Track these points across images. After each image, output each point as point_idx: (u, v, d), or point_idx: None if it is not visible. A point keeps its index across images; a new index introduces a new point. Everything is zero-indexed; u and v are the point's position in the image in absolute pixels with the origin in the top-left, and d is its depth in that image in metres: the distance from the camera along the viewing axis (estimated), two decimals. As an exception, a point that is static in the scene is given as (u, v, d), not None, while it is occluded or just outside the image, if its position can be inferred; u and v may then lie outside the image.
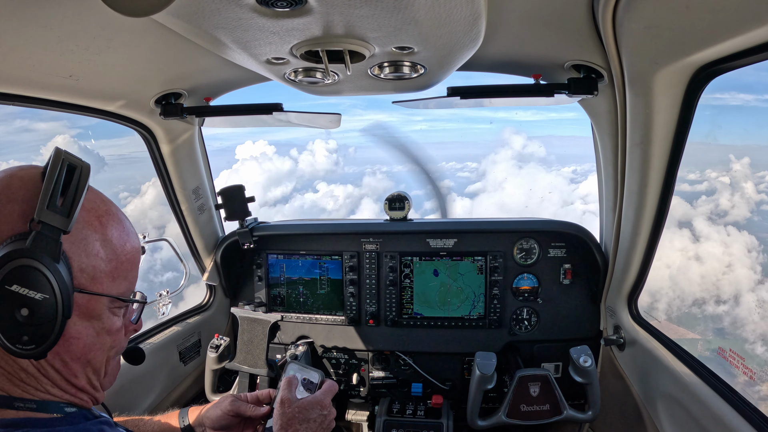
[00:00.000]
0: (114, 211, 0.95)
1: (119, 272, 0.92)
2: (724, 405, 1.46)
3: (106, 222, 0.91)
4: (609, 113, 1.79)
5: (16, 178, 0.84)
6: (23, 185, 0.83)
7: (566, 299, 2.48)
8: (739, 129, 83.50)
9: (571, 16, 1.35)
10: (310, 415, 1.32)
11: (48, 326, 0.80)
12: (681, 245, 25.94)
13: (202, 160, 2.49)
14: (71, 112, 1.78)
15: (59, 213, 0.80)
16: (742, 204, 45.68)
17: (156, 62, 1.65)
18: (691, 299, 10.76)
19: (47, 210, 0.79)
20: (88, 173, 0.87)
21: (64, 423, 0.87)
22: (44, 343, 0.80)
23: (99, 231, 0.89)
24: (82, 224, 0.86)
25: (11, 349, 0.78)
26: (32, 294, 0.78)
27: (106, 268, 0.90)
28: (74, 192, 0.83)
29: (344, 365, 2.67)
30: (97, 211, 0.91)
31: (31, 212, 0.80)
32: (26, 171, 0.85)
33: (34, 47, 1.28)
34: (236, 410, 1.43)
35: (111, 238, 0.91)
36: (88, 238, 0.87)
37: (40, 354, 0.81)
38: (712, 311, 10.06)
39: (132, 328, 1.04)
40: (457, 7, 1.09)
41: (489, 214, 35.99)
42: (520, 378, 2.01)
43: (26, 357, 0.81)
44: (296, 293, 2.67)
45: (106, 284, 0.90)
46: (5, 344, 0.78)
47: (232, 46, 1.29)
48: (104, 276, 0.90)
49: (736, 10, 1.00)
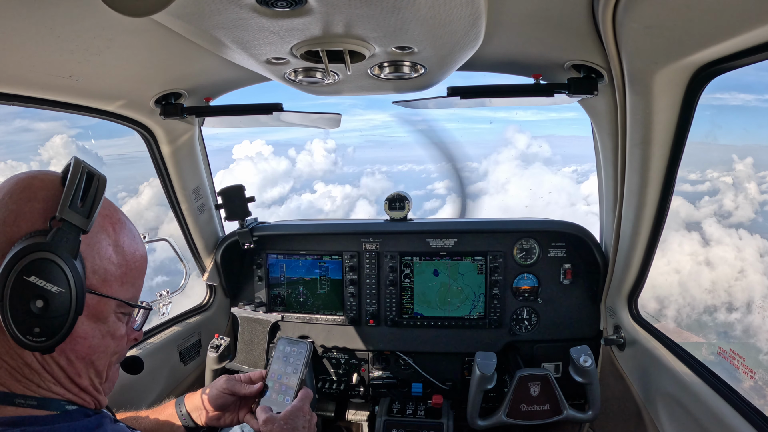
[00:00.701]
0: (125, 220, 1.00)
1: (128, 278, 0.96)
2: (724, 405, 1.46)
3: (119, 229, 0.96)
4: (609, 113, 1.79)
5: (38, 179, 0.88)
6: (44, 186, 0.87)
7: (566, 299, 2.48)
8: (739, 129, 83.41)
9: (571, 16, 1.35)
10: (297, 424, 1.41)
11: (60, 320, 0.82)
12: (690, 249, 25.52)
13: (202, 160, 2.48)
14: (71, 112, 1.77)
15: (80, 213, 0.84)
16: (746, 205, 45.13)
17: (156, 62, 1.65)
18: (702, 306, 10.57)
19: (69, 209, 0.83)
20: (105, 183, 0.91)
21: (64, 420, 0.88)
22: (55, 336, 0.82)
23: (112, 236, 0.94)
24: (97, 228, 0.91)
25: (22, 341, 0.80)
26: (49, 286, 0.80)
27: (117, 273, 0.94)
28: (93, 197, 0.88)
29: (344, 365, 2.66)
30: (111, 219, 0.95)
31: (51, 212, 0.84)
32: (46, 175, 0.90)
33: (34, 47, 1.28)
34: (231, 388, 1.50)
35: (123, 245, 0.95)
36: (102, 242, 0.92)
37: (49, 348, 0.82)
38: (723, 319, 9.89)
39: (133, 336, 1.07)
40: (457, 7, 1.09)
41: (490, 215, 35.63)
42: (520, 378, 2.01)
43: (35, 350, 0.82)
44: (296, 293, 2.67)
45: (115, 288, 0.93)
46: (16, 335, 0.79)
47: (232, 46, 1.29)
48: (114, 280, 0.93)
49: (736, 10, 1.00)
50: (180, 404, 1.50)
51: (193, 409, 1.49)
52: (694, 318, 9.84)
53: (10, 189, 0.86)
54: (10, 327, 0.79)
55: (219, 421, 1.51)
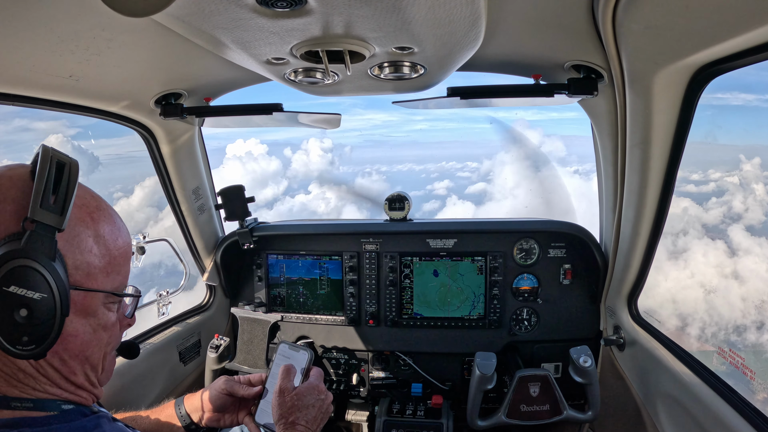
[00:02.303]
0: (104, 206, 0.95)
1: (113, 267, 0.93)
2: (724, 405, 1.46)
3: (97, 218, 0.91)
4: (609, 113, 1.79)
5: (5, 177, 0.83)
6: (13, 185, 0.82)
7: (566, 299, 2.48)
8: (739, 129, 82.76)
9: (571, 16, 1.35)
10: (309, 401, 1.36)
11: (47, 325, 0.80)
12: (716, 261, 23.72)
13: (202, 161, 2.48)
14: (71, 112, 1.77)
15: (53, 211, 0.80)
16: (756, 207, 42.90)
17: (156, 62, 1.65)
18: (731, 325, 9.96)
19: (40, 209, 0.78)
20: (77, 170, 0.86)
21: (61, 420, 0.87)
22: (44, 342, 0.80)
23: (91, 227, 0.89)
24: (74, 221, 0.86)
25: (11, 351, 0.78)
26: (30, 294, 0.78)
27: (100, 264, 0.90)
28: (65, 189, 0.82)
29: (344, 365, 2.66)
30: (88, 208, 0.91)
31: (24, 211, 0.79)
32: (15, 170, 0.84)
33: (34, 47, 1.28)
34: (230, 389, 1.48)
35: (103, 234, 0.91)
36: (81, 235, 0.87)
37: (39, 354, 0.81)
38: (754, 339, 9.28)
39: (126, 322, 1.05)
40: (457, 7, 1.09)
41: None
42: (520, 378, 2.01)
43: (26, 358, 0.81)
44: (296, 293, 2.67)
45: (100, 280, 0.90)
46: (5, 346, 0.78)
47: (232, 46, 1.29)
48: (98, 272, 0.90)
49: (736, 10, 1.00)
50: (179, 405, 1.50)
51: (193, 410, 1.49)
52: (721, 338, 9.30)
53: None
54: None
55: (219, 422, 1.51)
